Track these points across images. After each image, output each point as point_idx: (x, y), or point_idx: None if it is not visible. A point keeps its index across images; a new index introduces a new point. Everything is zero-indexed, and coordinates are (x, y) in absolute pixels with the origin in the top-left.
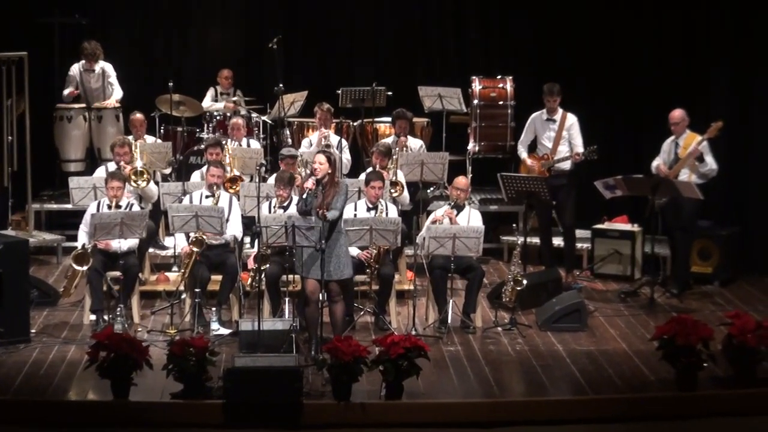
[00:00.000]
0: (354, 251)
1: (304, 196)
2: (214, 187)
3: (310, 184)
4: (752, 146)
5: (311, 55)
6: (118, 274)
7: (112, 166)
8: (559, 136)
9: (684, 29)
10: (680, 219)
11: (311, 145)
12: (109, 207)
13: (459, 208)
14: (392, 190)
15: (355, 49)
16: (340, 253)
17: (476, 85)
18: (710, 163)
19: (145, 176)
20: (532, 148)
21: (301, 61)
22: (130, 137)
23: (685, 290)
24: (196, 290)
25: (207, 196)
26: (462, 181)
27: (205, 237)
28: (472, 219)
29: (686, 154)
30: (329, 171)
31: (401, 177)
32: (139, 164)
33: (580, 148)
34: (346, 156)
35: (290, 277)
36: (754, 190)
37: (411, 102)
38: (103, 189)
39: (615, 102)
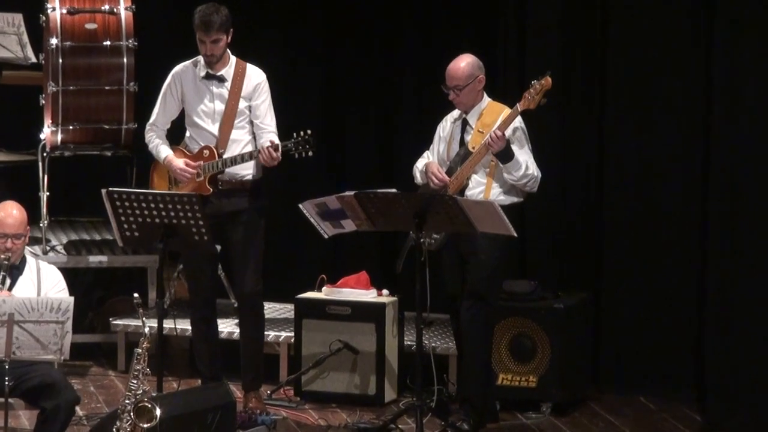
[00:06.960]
0: None
1: None
2: None
3: None
4: (606, 138)
5: None
6: None
7: None
8: (233, 111)
9: None
10: (473, 277)
11: None
12: None
13: (13, 270)
14: None
15: None
16: None
17: (56, 9)
18: (524, 164)
19: None
20: (175, 134)
21: None
22: None
23: (485, 422)
24: None
25: None
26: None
27: None
28: (45, 281)
29: (480, 144)
30: None
31: None
32: None
33: (271, 134)
34: None
35: None
36: (614, 222)
37: None
38: None
39: (349, 49)
